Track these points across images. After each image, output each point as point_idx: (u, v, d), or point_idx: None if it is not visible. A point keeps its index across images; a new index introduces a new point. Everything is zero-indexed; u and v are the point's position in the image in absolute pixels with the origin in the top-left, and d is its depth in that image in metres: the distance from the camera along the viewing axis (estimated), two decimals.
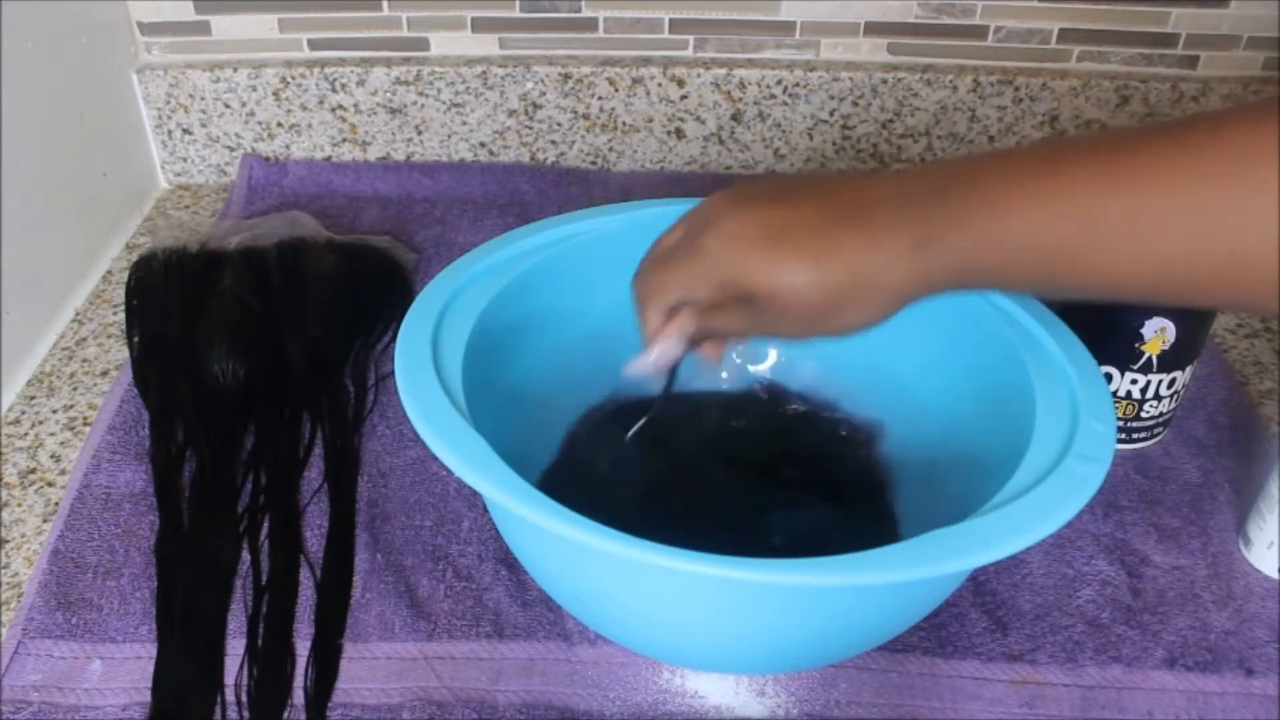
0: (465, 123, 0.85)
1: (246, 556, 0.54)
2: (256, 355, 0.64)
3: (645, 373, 0.46)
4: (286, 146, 0.87)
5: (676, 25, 0.82)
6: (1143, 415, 0.60)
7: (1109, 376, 0.58)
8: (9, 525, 0.57)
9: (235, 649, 0.50)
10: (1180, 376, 0.58)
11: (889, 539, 0.38)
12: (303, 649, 0.50)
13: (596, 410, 0.58)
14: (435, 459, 0.42)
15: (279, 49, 0.84)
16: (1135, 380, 0.58)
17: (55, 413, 0.64)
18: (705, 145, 0.86)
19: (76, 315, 0.73)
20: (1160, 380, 0.58)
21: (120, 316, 0.71)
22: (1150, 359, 0.57)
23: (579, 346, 0.56)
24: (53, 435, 0.63)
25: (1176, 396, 0.60)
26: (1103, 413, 0.44)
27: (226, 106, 0.84)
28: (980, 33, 0.82)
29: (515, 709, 0.48)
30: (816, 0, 0.81)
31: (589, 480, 0.54)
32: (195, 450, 0.59)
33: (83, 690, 0.48)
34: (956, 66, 0.82)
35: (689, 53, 0.84)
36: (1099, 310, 0.54)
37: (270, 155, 0.87)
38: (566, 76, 0.83)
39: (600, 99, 0.84)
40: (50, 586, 0.52)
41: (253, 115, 0.85)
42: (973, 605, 0.53)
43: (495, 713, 0.48)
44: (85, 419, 0.64)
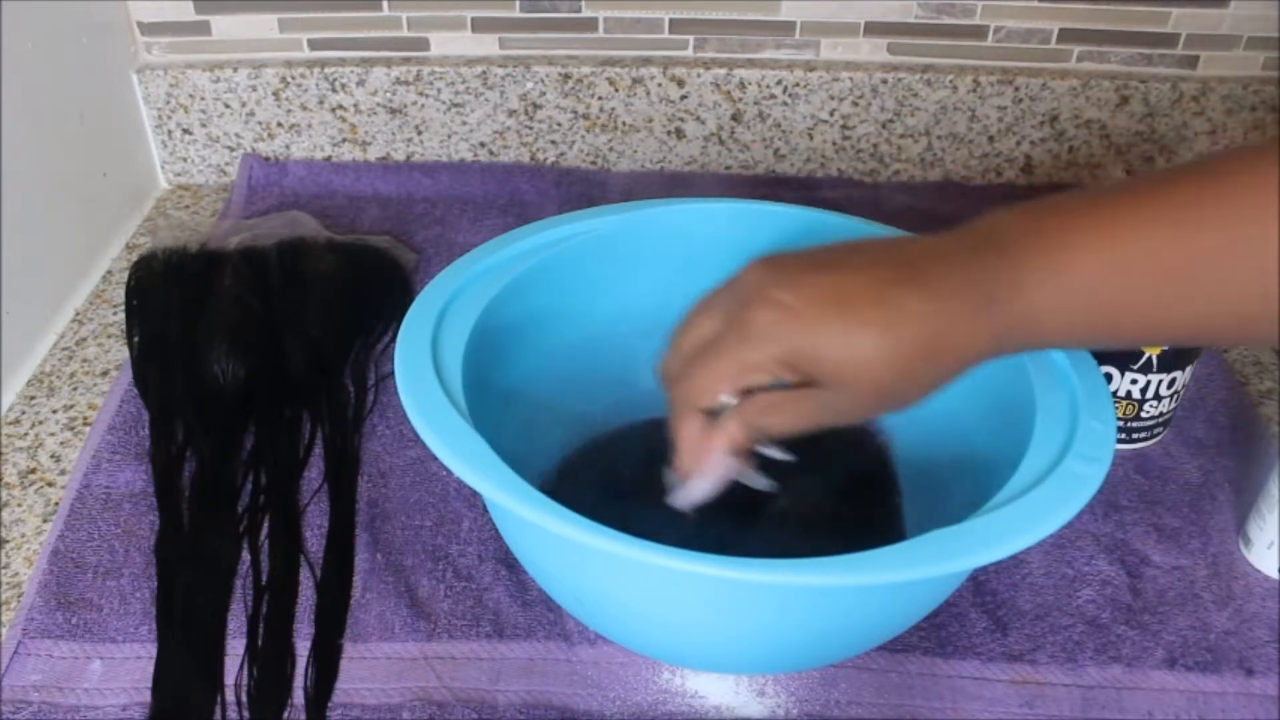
0: (465, 123, 0.85)
1: (246, 556, 0.54)
2: (256, 355, 0.64)
3: (687, 505, 0.41)
4: (286, 146, 0.87)
5: (676, 25, 0.82)
6: (1143, 415, 0.60)
7: (1109, 376, 0.58)
8: (9, 525, 0.57)
9: (235, 649, 0.50)
10: (1180, 376, 0.58)
11: (892, 539, 0.38)
12: (303, 649, 0.50)
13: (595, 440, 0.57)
14: (435, 459, 0.42)
15: (279, 49, 0.84)
16: (1135, 380, 0.58)
17: (55, 413, 0.64)
18: (705, 145, 0.86)
19: (76, 315, 0.73)
20: (1160, 380, 0.58)
21: (120, 316, 0.71)
22: (1150, 359, 0.57)
23: (579, 346, 0.56)
24: (53, 435, 0.63)
25: (1176, 396, 0.60)
26: (1103, 413, 0.44)
27: (226, 106, 0.84)
28: (980, 33, 0.82)
29: (515, 709, 0.48)
30: (816, 0, 0.81)
31: (589, 480, 0.54)
32: (195, 450, 0.59)
33: (83, 690, 0.48)
34: (956, 66, 0.82)
35: (689, 53, 0.84)
36: None
37: (270, 155, 0.87)
38: (566, 76, 0.83)
39: (600, 99, 0.84)
40: (50, 586, 0.52)
41: (253, 115, 0.85)
42: (973, 605, 0.53)
43: (495, 713, 0.48)
44: (85, 419, 0.64)
